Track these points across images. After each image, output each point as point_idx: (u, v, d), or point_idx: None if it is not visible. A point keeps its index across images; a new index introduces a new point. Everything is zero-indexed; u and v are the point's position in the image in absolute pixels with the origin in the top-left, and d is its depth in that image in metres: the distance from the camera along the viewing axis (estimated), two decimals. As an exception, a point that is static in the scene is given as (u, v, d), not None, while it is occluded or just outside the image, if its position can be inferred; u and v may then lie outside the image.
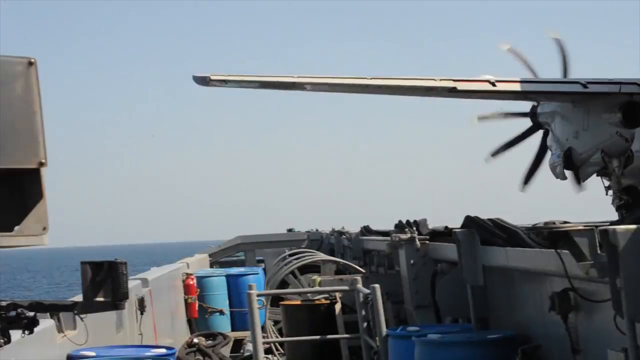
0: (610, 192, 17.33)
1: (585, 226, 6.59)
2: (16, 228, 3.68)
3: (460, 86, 16.02)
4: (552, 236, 6.76)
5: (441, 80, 16.05)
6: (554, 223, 6.80)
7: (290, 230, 31.25)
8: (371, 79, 16.05)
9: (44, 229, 3.71)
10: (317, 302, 13.14)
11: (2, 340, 4.63)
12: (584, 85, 16.23)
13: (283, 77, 16.05)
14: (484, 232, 8.96)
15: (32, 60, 3.63)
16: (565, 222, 6.75)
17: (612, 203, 17.24)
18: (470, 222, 9.23)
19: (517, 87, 16.52)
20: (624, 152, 16.42)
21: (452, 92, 16.04)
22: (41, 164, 3.64)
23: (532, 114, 19.03)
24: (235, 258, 31.41)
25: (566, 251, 6.74)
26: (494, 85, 16.18)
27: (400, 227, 13.10)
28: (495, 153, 19.51)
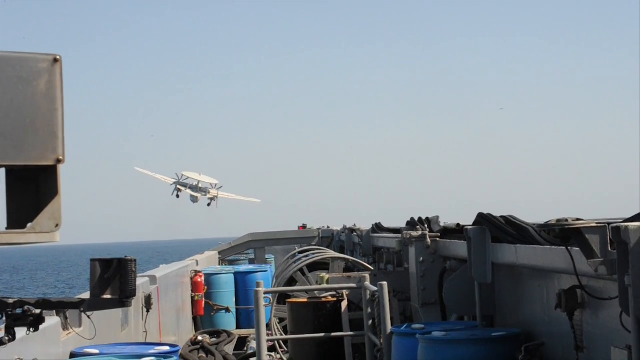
0: None
1: (597, 223, 6.49)
2: (29, 225, 3.65)
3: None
4: (563, 233, 6.65)
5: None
6: (566, 220, 6.68)
7: (304, 226, 31.25)
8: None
9: (57, 226, 3.67)
10: (323, 299, 13.05)
11: (6, 338, 4.60)
12: None
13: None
14: (496, 229, 8.91)
15: (57, 57, 3.63)
16: (578, 219, 6.63)
17: None
18: (482, 219, 9.18)
19: None
20: None
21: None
22: (58, 161, 3.62)
23: None
24: (245, 255, 31.47)
25: (576, 248, 6.67)
26: None
27: (411, 224, 13.02)
28: None
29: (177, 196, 68.57)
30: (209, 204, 68.73)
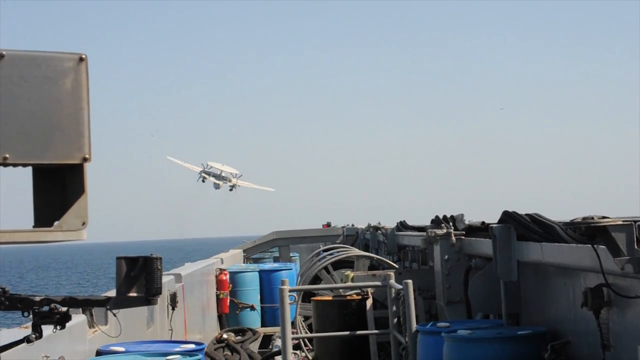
0: None
1: (624, 221, 6.46)
2: (55, 223, 3.67)
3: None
4: (589, 231, 6.62)
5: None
6: (592, 218, 6.65)
7: (328, 224, 31.22)
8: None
9: (83, 224, 3.69)
10: (348, 297, 13.04)
11: (33, 336, 4.60)
12: None
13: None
14: (521, 227, 8.88)
15: (83, 56, 3.65)
16: (604, 217, 6.60)
17: None
18: (507, 217, 9.15)
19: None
20: None
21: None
22: (85, 159, 3.64)
23: None
24: (269, 253, 31.47)
25: (602, 246, 6.63)
26: None
27: (436, 222, 12.99)
28: None
29: (203, 181, 77.36)
30: (230, 189, 77.93)
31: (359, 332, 12.24)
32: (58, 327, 4.62)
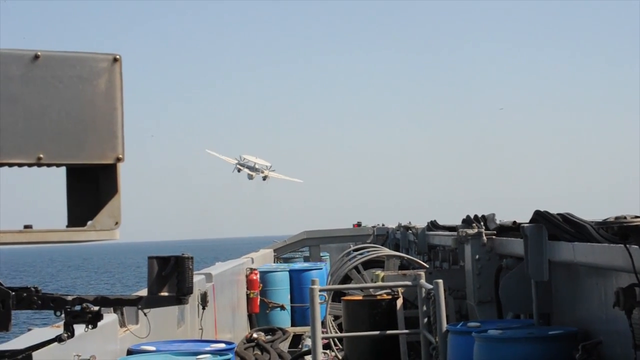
0: None
1: (656, 220, 6.42)
2: (89, 223, 3.70)
3: None
4: (622, 231, 6.58)
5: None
6: (624, 217, 6.61)
7: (358, 224, 31.21)
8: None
9: (116, 223, 3.72)
10: (378, 297, 13.02)
11: (65, 335, 4.63)
12: None
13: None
14: (553, 226, 8.83)
15: (117, 56, 3.67)
16: (637, 217, 6.56)
17: None
18: (539, 217, 9.10)
19: None
20: None
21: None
22: (118, 159, 3.67)
23: None
24: (300, 253, 31.50)
25: (635, 246, 6.59)
26: None
27: (467, 222, 12.94)
28: None
29: (238, 171, 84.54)
30: (264, 179, 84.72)
31: (389, 332, 12.22)
32: (90, 327, 4.65)
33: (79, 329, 4.69)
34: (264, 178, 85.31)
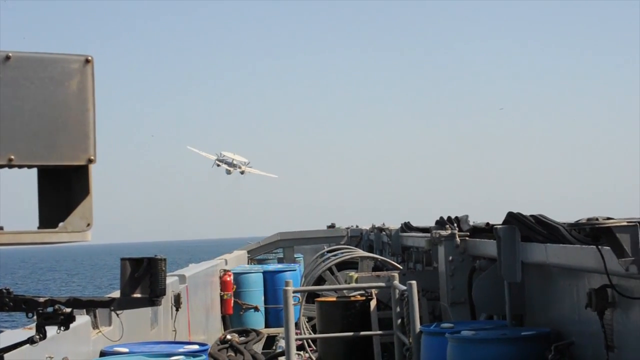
0: None
1: (628, 222, 6.46)
2: (60, 224, 3.69)
3: None
4: (594, 232, 6.62)
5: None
6: (596, 219, 6.65)
7: (331, 226, 31.22)
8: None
9: (88, 225, 3.71)
10: (352, 298, 13.03)
11: (37, 337, 4.61)
12: None
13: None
14: (525, 228, 8.86)
15: (89, 58, 3.66)
16: (609, 218, 6.60)
17: None
18: (512, 218, 9.13)
19: None
20: None
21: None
22: (90, 161, 3.66)
23: None
24: (273, 254, 31.46)
25: (607, 247, 6.63)
26: None
27: (440, 223, 12.98)
28: None
29: (218, 165, 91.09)
30: (241, 173, 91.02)
31: (362, 333, 12.24)
32: (62, 328, 4.62)
33: (51, 330, 4.67)
34: (242, 172, 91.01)
